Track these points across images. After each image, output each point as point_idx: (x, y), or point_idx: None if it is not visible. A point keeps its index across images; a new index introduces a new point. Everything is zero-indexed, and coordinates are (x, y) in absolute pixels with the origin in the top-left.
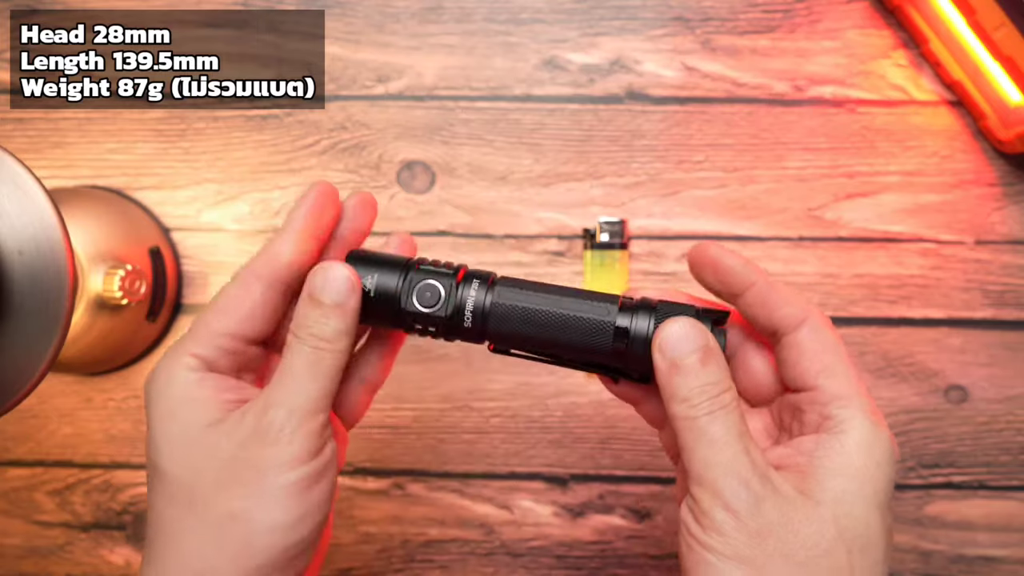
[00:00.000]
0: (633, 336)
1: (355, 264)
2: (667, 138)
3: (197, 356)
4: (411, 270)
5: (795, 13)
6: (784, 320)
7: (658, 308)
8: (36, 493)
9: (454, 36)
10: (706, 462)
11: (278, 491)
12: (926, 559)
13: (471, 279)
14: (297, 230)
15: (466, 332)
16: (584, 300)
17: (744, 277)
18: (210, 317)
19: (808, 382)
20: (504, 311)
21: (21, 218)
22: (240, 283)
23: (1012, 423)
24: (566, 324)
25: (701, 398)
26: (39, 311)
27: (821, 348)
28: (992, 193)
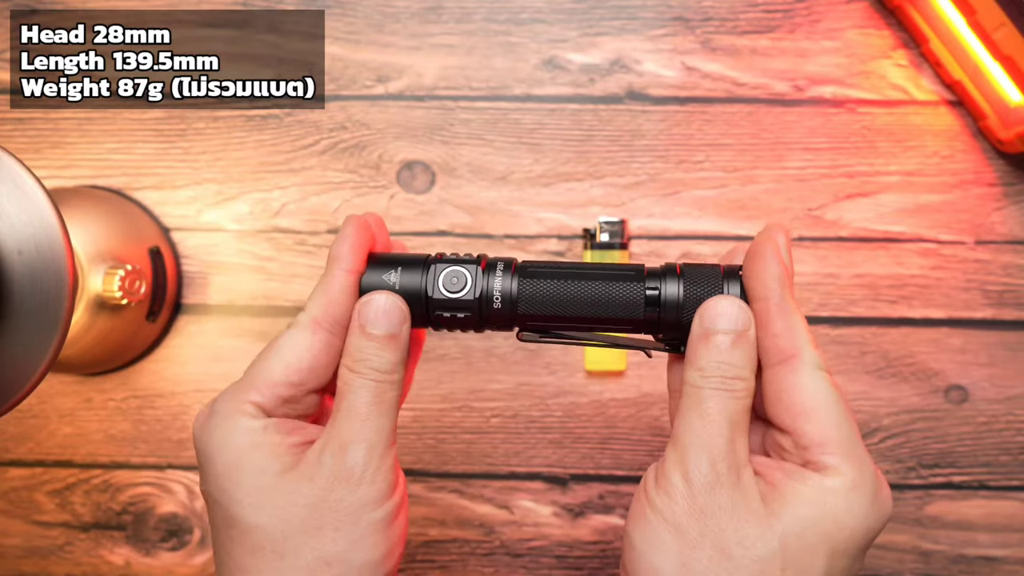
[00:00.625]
0: (664, 302)
1: (376, 266)
2: (667, 138)
3: (256, 404)
4: (433, 263)
5: (795, 13)
6: (769, 349)
7: (684, 272)
8: (36, 493)
9: (454, 36)
10: (689, 428)
11: (368, 530)
12: (926, 559)
13: (494, 265)
14: (347, 271)
15: (496, 315)
16: (610, 273)
17: (762, 288)
18: (272, 366)
19: (788, 424)
20: (533, 291)
21: (21, 218)
22: (302, 330)
23: (1012, 423)
24: (596, 298)
25: (715, 373)
26: (39, 311)
27: (799, 390)
28: (992, 193)
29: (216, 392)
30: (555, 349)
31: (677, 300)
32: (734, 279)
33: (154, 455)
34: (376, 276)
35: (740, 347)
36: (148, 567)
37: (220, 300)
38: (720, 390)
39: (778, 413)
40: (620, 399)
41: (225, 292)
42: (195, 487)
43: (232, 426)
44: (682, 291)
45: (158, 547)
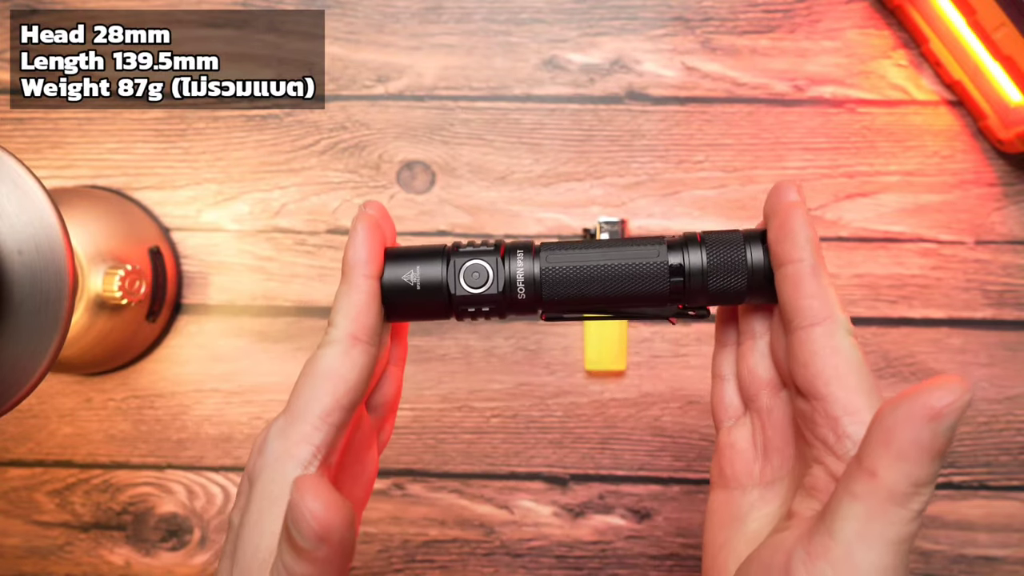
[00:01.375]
0: (689, 271)
1: (393, 261)
2: (667, 138)
3: (309, 443)
4: (451, 255)
5: (795, 13)
6: (804, 311)
7: (705, 239)
8: (36, 493)
9: (454, 36)
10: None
11: None
12: (926, 559)
13: (514, 251)
14: (368, 276)
15: (520, 305)
16: (631, 247)
17: (796, 251)
18: (320, 394)
19: (819, 388)
20: (557, 275)
21: (21, 218)
22: (341, 348)
23: (1012, 423)
24: (620, 274)
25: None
26: (39, 311)
27: (834, 352)
28: (992, 193)
29: (216, 392)
30: (555, 349)
31: (701, 268)
32: (756, 243)
33: (154, 455)
34: (396, 277)
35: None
36: (148, 567)
37: (220, 300)
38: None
39: (808, 378)
40: (620, 399)
41: (225, 292)
42: (195, 487)
43: (274, 475)
44: (705, 259)
45: (158, 547)
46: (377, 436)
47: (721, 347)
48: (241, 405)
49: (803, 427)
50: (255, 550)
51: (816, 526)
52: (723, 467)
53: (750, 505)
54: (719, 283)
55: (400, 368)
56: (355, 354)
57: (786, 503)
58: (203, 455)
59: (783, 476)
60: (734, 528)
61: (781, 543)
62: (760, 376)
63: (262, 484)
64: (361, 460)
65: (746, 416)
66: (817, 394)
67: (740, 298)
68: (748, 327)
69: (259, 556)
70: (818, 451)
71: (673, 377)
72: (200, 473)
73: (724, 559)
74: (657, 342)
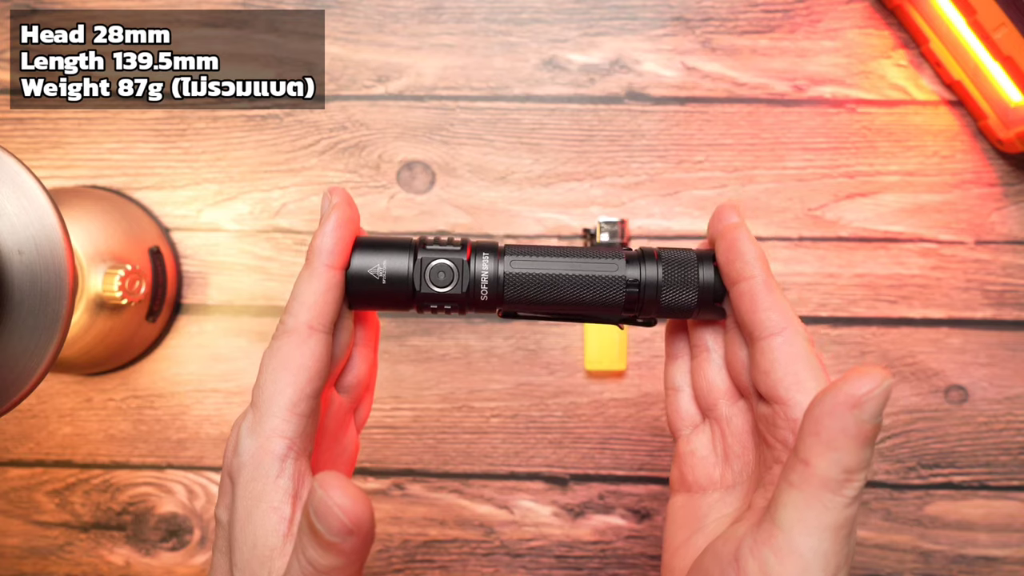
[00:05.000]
0: (645, 283)
1: (362, 250)
2: (667, 138)
3: (283, 436)
4: (419, 250)
5: (795, 13)
6: (763, 323)
7: (661, 255)
8: (36, 493)
9: (454, 36)
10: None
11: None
12: (926, 559)
13: (480, 252)
14: (331, 266)
15: (481, 304)
16: (592, 259)
17: (748, 268)
18: (283, 388)
19: (780, 394)
20: (519, 280)
21: (21, 218)
22: (299, 338)
23: (1012, 423)
24: (580, 283)
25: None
26: (39, 311)
27: (794, 359)
28: (992, 193)
29: (216, 392)
30: (555, 348)
31: (656, 282)
32: (707, 263)
33: (154, 455)
34: (363, 268)
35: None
36: (148, 567)
37: (220, 300)
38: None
39: (770, 384)
40: (620, 399)
41: (225, 292)
42: (195, 487)
43: (254, 473)
44: (660, 274)
45: (158, 547)
46: (353, 415)
47: (672, 360)
48: (241, 405)
49: (764, 431)
50: (252, 547)
51: (763, 515)
52: (684, 473)
53: (709, 507)
54: (671, 298)
55: (371, 349)
56: (312, 343)
57: (746, 503)
58: (203, 455)
59: (744, 480)
60: (694, 527)
61: (734, 533)
62: (718, 387)
63: (244, 482)
64: (339, 440)
65: (704, 424)
66: (778, 399)
67: (689, 313)
68: (700, 341)
69: (258, 553)
70: (778, 452)
71: None
72: (200, 473)
73: (683, 556)
74: (657, 342)
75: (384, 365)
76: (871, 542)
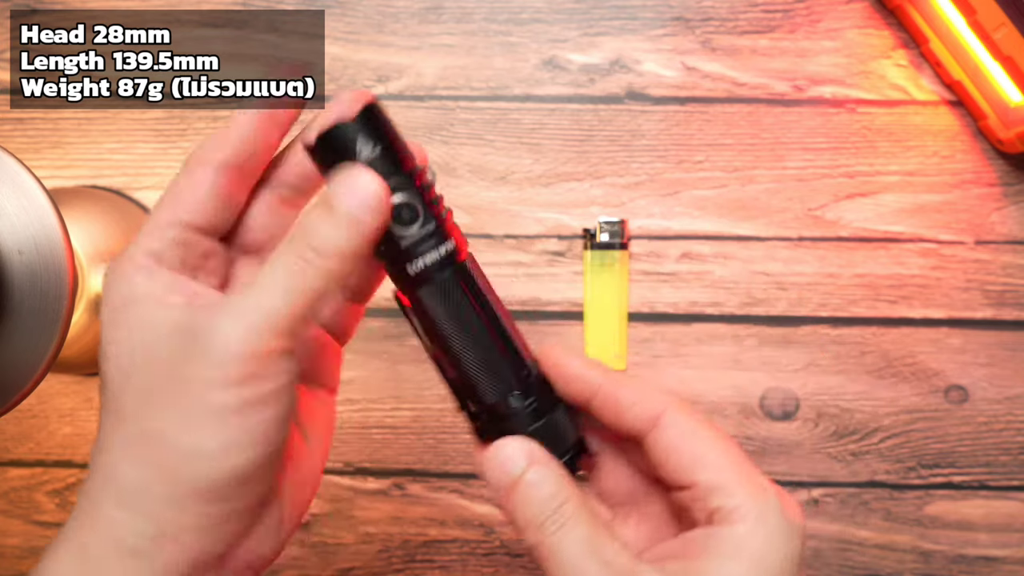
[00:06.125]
0: (514, 419)
1: (366, 123)
2: (667, 138)
3: (148, 251)
4: (413, 177)
5: (795, 13)
6: (636, 422)
7: (537, 429)
8: (36, 493)
9: (454, 36)
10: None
11: (202, 412)
12: (926, 559)
13: (447, 239)
14: (252, 114)
15: (403, 274)
16: (506, 353)
17: (587, 384)
18: (159, 209)
19: (683, 480)
20: (443, 290)
21: (21, 218)
22: (186, 170)
23: (1012, 423)
24: (475, 351)
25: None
26: (39, 311)
27: (684, 441)
28: (992, 193)
29: None
30: None
31: (521, 420)
32: (564, 411)
33: None
34: (353, 134)
35: (522, 493)
36: None
37: None
38: (560, 529)
39: (671, 473)
40: None
41: None
42: None
43: (120, 276)
44: (531, 425)
45: None
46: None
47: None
48: None
49: (682, 513)
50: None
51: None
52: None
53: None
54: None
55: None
56: (199, 174)
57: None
58: None
59: (664, 557)
60: None
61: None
62: (624, 490)
63: (104, 302)
64: (327, 358)
65: (616, 518)
66: (684, 483)
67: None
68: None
69: (156, 332)
70: (699, 527)
71: (673, 377)
72: None
73: None
74: (657, 342)
75: (384, 365)
76: (871, 542)
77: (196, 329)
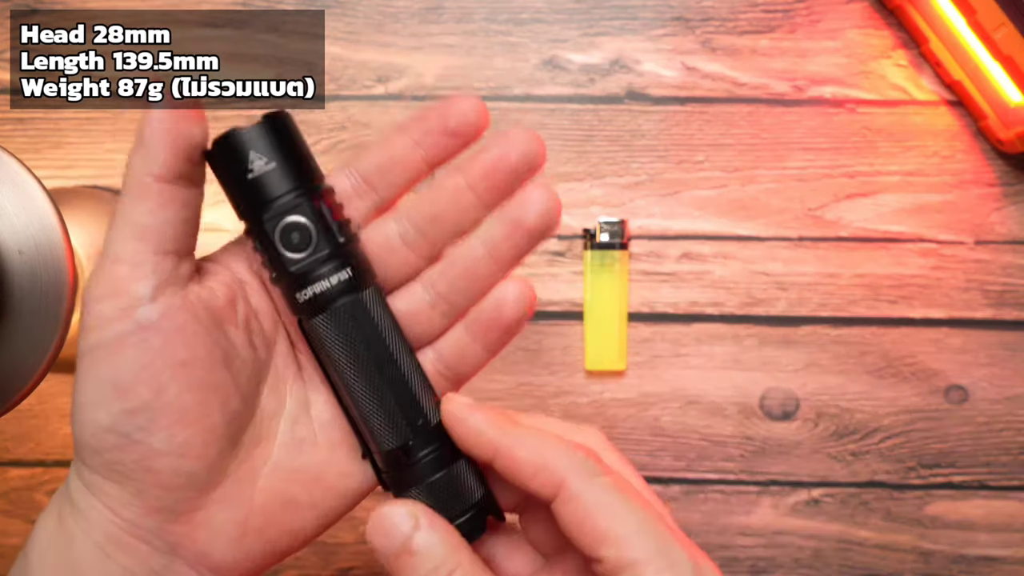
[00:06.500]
0: (411, 470)
1: (264, 134)
2: (667, 138)
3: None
4: (310, 194)
5: (795, 13)
6: (540, 489)
7: (434, 483)
8: (36, 493)
9: (454, 36)
10: None
11: (111, 339)
12: (926, 559)
13: (343, 268)
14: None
15: (293, 301)
16: (401, 397)
17: (486, 443)
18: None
19: (591, 554)
20: (333, 322)
21: (21, 218)
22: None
23: (1012, 423)
24: (366, 392)
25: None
26: (39, 311)
27: (588, 515)
28: (992, 193)
29: None
30: (555, 349)
31: (417, 472)
32: (467, 464)
33: None
34: (239, 144)
35: (411, 556)
36: None
37: None
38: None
39: (580, 546)
40: (620, 399)
41: None
42: None
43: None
44: (426, 464)
45: None
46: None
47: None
48: None
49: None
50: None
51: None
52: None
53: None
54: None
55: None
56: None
57: None
58: None
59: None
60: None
61: None
62: (551, 540)
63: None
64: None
65: (546, 567)
66: (594, 557)
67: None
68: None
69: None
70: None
71: (673, 377)
72: None
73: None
74: (657, 342)
75: None
76: (871, 542)
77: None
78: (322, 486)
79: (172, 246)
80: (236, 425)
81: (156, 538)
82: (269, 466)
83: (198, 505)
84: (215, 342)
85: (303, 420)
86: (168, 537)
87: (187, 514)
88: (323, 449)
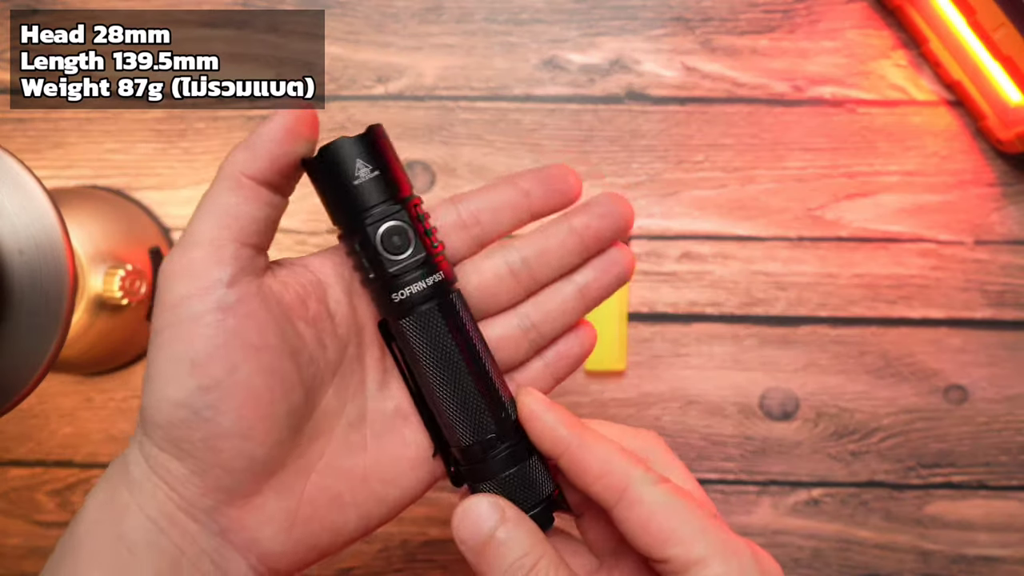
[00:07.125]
0: (487, 464)
1: (367, 144)
2: (667, 138)
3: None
4: (407, 206)
5: (795, 13)
6: (603, 493)
7: (509, 476)
8: (37, 493)
9: (454, 36)
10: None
11: (190, 322)
12: (926, 559)
13: (435, 271)
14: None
15: (387, 302)
16: (484, 392)
17: (556, 442)
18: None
19: (655, 555)
20: (425, 322)
21: (21, 218)
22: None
23: (1012, 423)
24: (452, 388)
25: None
26: (39, 311)
27: (652, 518)
28: (992, 193)
29: None
30: None
31: (494, 465)
32: (540, 459)
33: None
34: (347, 153)
35: (493, 550)
36: None
37: None
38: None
39: (643, 548)
40: (620, 399)
41: None
42: None
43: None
44: (502, 459)
45: None
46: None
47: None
48: None
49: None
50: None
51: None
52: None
53: None
54: (508, 490)
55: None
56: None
57: None
58: None
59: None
60: None
61: None
62: (609, 541)
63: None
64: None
65: (603, 568)
66: (658, 558)
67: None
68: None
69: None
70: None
71: (673, 377)
72: None
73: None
74: (657, 342)
75: None
76: (871, 542)
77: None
78: (366, 488)
79: (253, 239)
80: (298, 416)
81: (210, 520)
82: (323, 462)
83: (255, 490)
84: (283, 333)
85: (358, 427)
86: (221, 520)
87: (244, 498)
88: (372, 456)
